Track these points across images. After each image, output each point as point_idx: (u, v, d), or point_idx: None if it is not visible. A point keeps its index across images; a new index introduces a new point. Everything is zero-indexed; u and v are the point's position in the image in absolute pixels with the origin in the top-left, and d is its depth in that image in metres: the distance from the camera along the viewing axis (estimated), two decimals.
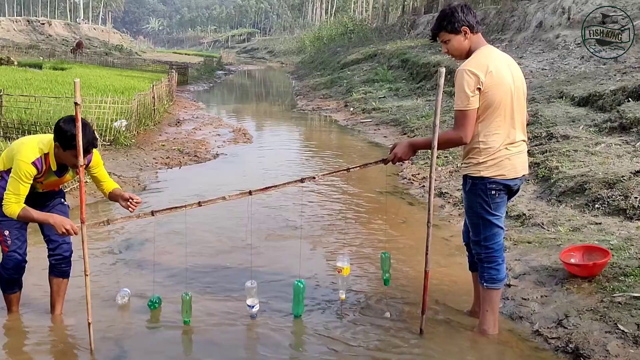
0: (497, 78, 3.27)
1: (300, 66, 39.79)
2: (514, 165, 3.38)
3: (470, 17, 3.38)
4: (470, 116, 3.28)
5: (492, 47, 3.47)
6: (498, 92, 3.27)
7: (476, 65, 3.28)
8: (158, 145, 10.01)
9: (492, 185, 3.38)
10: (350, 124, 14.13)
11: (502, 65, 3.36)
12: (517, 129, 3.39)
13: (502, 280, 3.54)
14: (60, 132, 3.37)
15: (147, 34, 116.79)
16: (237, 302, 4.13)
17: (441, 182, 7.48)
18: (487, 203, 3.42)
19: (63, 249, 3.78)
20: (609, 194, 5.51)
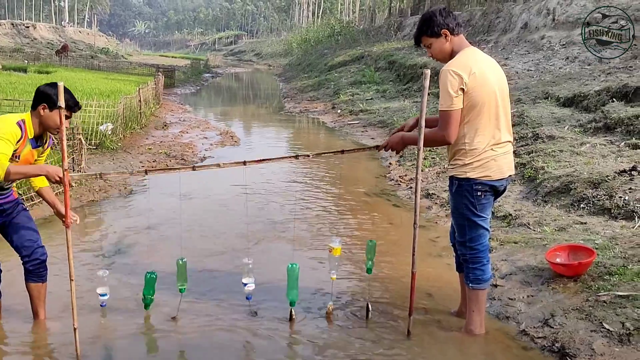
0: (480, 79, 3.28)
1: (287, 68, 39.80)
2: (499, 166, 3.39)
3: (450, 19, 3.40)
4: (453, 116, 3.28)
5: (476, 49, 3.49)
6: (482, 93, 3.29)
7: (459, 66, 3.29)
8: (145, 149, 9.96)
9: (477, 187, 3.40)
10: (337, 126, 14.16)
11: (485, 66, 3.38)
12: (502, 129, 3.41)
13: (487, 280, 3.56)
14: (45, 93, 3.51)
15: (134, 36, 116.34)
16: (230, 306, 4.11)
17: (428, 183, 7.51)
18: (472, 204, 3.44)
19: (39, 252, 3.74)
20: (594, 193, 5.56)
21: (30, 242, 3.69)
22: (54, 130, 3.58)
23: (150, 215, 6.23)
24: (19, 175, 3.44)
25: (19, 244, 3.71)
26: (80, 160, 7.65)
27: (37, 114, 3.54)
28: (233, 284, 4.36)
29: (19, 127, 3.45)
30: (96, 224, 6.26)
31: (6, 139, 3.36)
